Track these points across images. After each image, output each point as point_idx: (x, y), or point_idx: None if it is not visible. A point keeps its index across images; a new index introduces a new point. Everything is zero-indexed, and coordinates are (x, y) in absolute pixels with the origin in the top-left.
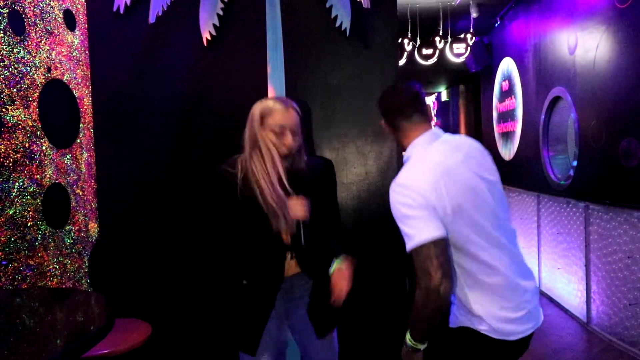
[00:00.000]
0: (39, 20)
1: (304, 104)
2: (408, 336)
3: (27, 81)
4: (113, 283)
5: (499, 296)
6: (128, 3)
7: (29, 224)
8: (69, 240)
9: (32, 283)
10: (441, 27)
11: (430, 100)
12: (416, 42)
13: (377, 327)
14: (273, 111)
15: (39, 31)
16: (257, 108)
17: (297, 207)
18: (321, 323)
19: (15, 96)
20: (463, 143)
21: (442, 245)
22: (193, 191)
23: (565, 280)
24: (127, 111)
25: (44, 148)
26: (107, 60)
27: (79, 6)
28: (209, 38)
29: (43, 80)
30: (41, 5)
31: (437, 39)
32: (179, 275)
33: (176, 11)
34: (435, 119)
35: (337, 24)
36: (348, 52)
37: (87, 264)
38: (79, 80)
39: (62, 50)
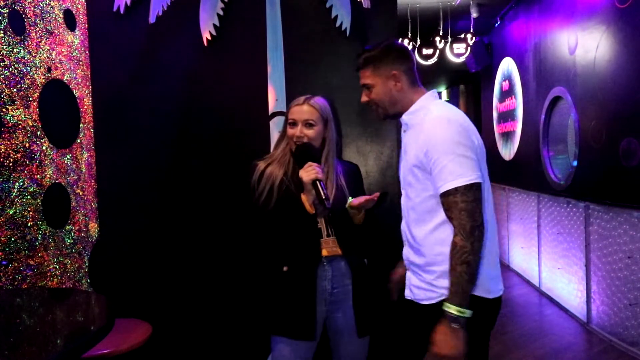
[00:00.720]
0: (39, 20)
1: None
2: (454, 308)
3: (27, 81)
4: (113, 283)
5: (490, 254)
6: (128, 3)
7: (29, 224)
8: (69, 240)
9: (32, 283)
10: (441, 27)
11: None
12: (416, 42)
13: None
14: (290, 107)
15: (39, 31)
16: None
17: (309, 170)
18: (363, 323)
19: (15, 96)
20: None
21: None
22: (193, 191)
23: (565, 280)
24: (127, 111)
25: (44, 148)
26: (107, 60)
27: (79, 6)
28: (209, 38)
29: (43, 80)
30: (41, 5)
31: (437, 39)
32: (179, 275)
33: (176, 11)
34: None
35: (337, 24)
36: (348, 52)
37: (87, 264)
38: (79, 80)
39: (63, 50)
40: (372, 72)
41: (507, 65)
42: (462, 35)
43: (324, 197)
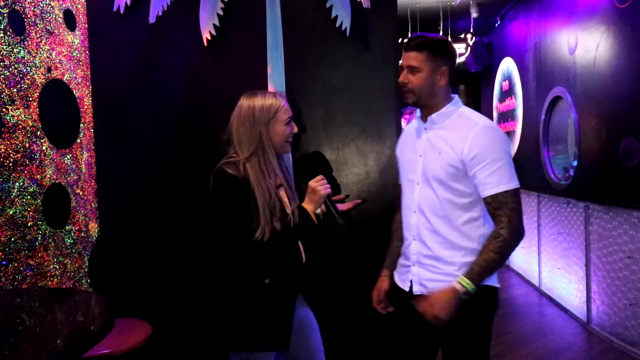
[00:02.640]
0: (39, 20)
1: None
2: (467, 282)
3: (27, 81)
4: (113, 283)
5: None
6: (128, 3)
7: (29, 224)
8: (69, 240)
9: (32, 283)
10: (441, 27)
11: None
12: None
13: (377, 327)
14: (280, 105)
15: (39, 31)
16: (259, 106)
17: (324, 184)
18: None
19: (15, 96)
20: None
21: None
22: (193, 191)
23: (565, 280)
24: (127, 111)
25: (44, 148)
26: (107, 60)
27: (79, 6)
28: (209, 38)
29: (43, 80)
30: (41, 5)
31: None
32: (179, 275)
33: (176, 11)
34: None
35: (337, 24)
36: (348, 52)
37: (87, 264)
38: (79, 80)
39: (63, 50)
40: (426, 58)
41: (507, 65)
42: (462, 35)
43: (335, 213)
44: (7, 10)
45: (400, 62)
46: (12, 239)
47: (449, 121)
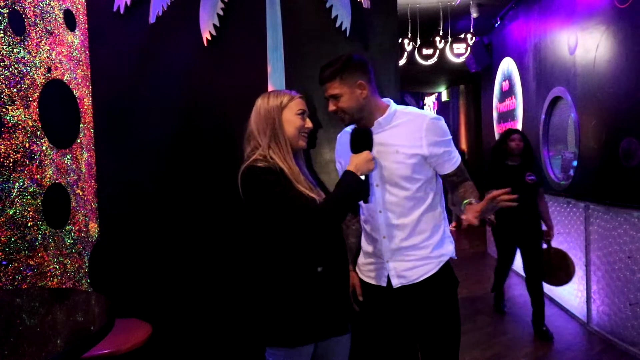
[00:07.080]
0: (39, 20)
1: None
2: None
3: (27, 81)
4: (113, 283)
5: None
6: (128, 3)
7: (29, 224)
8: (69, 240)
9: (32, 283)
10: (441, 27)
11: (430, 100)
12: (416, 42)
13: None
14: (293, 99)
15: (39, 31)
16: (273, 100)
17: (373, 160)
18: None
19: (15, 96)
20: None
21: None
22: (193, 190)
23: None
24: (127, 111)
25: (44, 148)
26: (107, 60)
27: (79, 6)
28: (209, 38)
29: (43, 80)
30: (41, 5)
31: (437, 39)
32: (179, 275)
33: (176, 11)
34: None
35: (337, 24)
36: (348, 52)
37: (87, 264)
38: (79, 80)
39: (62, 50)
40: (340, 84)
41: (507, 65)
42: (462, 35)
43: (367, 194)
44: (7, 10)
45: (325, 94)
46: (12, 239)
47: (398, 120)
